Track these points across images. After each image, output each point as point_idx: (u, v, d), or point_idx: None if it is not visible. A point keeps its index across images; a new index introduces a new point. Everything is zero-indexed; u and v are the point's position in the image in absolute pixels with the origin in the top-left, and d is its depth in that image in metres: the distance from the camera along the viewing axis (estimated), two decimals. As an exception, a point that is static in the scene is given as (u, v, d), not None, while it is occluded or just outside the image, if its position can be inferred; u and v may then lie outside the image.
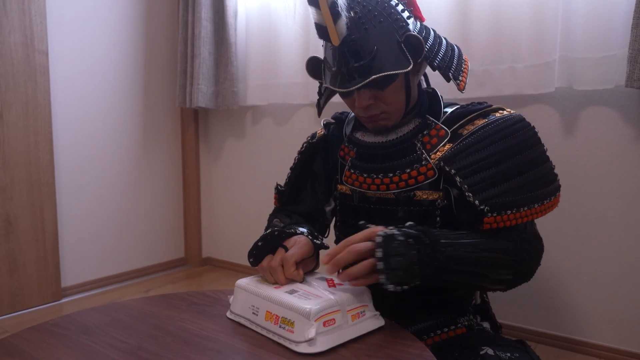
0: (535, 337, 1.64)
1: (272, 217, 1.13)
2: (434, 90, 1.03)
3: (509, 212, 0.86)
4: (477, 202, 0.86)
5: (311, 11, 0.87)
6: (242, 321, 0.80)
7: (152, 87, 2.45)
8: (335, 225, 1.12)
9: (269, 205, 2.31)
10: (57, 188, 2.09)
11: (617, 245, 1.49)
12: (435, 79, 1.13)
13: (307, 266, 0.89)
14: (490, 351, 0.86)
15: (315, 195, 1.12)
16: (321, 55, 0.99)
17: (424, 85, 1.07)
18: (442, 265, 0.79)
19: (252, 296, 0.79)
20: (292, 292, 0.77)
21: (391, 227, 0.80)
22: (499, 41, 1.57)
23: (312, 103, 2.10)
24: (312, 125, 2.15)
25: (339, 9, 0.85)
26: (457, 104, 1.01)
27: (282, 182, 1.18)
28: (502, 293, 1.68)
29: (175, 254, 2.62)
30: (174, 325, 0.80)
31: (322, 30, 0.88)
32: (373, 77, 0.87)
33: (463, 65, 0.99)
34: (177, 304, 0.90)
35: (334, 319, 0.71)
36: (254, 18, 2.23)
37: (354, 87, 0.89)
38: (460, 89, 0.95)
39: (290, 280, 0.83)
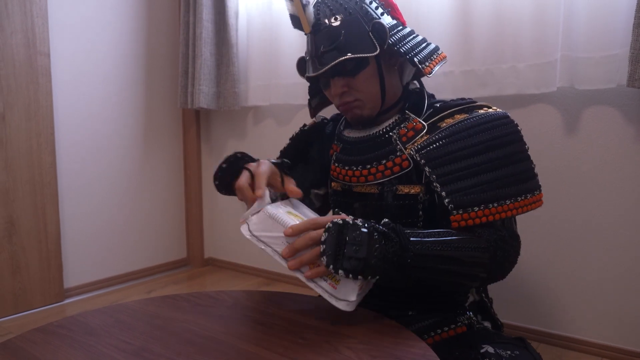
0: (537, 336, 1.64)
1: None
2: (420, 89, 1.06)
3: (476, 208, 0.86)
4: (443, 193, 0.87)
5: (285, 3, 0.97)
6: (269, 251, 0.78)
7: (154, 88, 2.45)
8: None
9: (271, 205, 2.31)
10: (60, 189, 2.09)
11: (620, 244, 1.49)
12: (430, 81, 1.13)
13: (274, 186, 0.91)
14: (491, 349, 0.86)
15: (302, 179, 1.14)
16: None
17: (416, 85, 1.09)
18: (411, 264, 0.78)
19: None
20: None
21: (364, 220, 0.78)
22: (501, 41, 1.57)
23: (314, 103, 2.10)
24: (313, 125, 2.15)
25: None
26: (445, 100, 1.03)
27: None
28: (503, 292, 1.68)
29: (177, 255, 2.63)
30: (178, 327, 0.80)
31: (295, 20, 0.98)
32: (340, 59, 0.92)
33: (435, 56, 1.01)
34: (180, 305, 0.90)
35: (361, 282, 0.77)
36: (255, 18, 2.24)
37: (324, 69, 0.94)
38: (426, 72, 0.97)
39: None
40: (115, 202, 2.32)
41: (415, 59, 0.96)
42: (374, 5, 0.98)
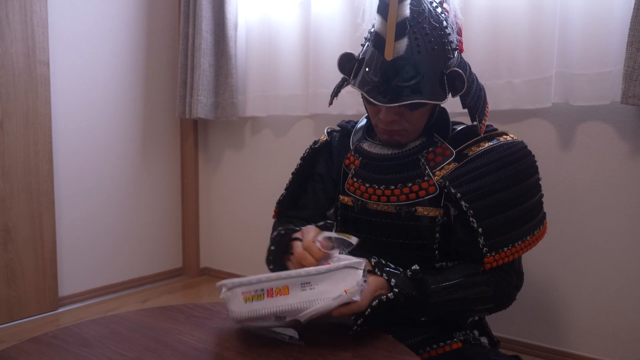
0: (533, 350, 1.64)
1: (275, 226, 1.13)
2: (444, 109, 1.05)
3: (505, 249, 0.91)
4: (480, 230, 0.91)
5: (376, 18, 0.88)
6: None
7: (152, 97, 2.46)
8: None
9: (268, 215, 2.30)
10: (56, 198, 2.09)
11: (615, 260, 1.50)
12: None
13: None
14: (485, 365, 0.87)
15: (317, 198, 1.13)
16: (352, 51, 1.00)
17: None
18: (428, 311, 0.88)
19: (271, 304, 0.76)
20: (305, 284, 0.77)
21: (389, 271, 0.86)
22: (497, 57, 1.59)
23: (312, 115, 2.11)
24: (311, 136, 2.16)
25: (405, 28, 0.87)
26: (464, 124, 1.04)
27: (281, 191, 1.18)
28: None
29: (173, 264, 2.62)
30: (173, 338, 0.80)
31: (379, 41, 0.89)
32: (413, 101, 0.89)
33: (486, 109, 1.02)
34: (175, 317, 0.90)
35: None
36: (254, 30, 2.25)
37: (389, 105, 0.90)
38: (480, 132, 0.98)
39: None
40: (112, 211, 2.32)
41: (476, 115, 0.97)
42: (452, 37, 0.94)
